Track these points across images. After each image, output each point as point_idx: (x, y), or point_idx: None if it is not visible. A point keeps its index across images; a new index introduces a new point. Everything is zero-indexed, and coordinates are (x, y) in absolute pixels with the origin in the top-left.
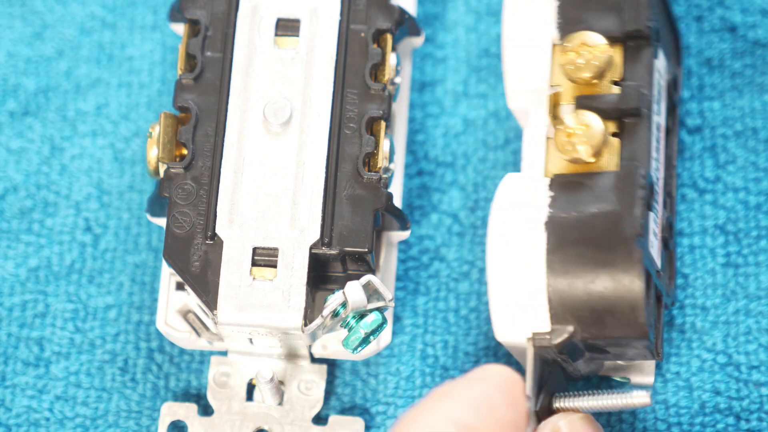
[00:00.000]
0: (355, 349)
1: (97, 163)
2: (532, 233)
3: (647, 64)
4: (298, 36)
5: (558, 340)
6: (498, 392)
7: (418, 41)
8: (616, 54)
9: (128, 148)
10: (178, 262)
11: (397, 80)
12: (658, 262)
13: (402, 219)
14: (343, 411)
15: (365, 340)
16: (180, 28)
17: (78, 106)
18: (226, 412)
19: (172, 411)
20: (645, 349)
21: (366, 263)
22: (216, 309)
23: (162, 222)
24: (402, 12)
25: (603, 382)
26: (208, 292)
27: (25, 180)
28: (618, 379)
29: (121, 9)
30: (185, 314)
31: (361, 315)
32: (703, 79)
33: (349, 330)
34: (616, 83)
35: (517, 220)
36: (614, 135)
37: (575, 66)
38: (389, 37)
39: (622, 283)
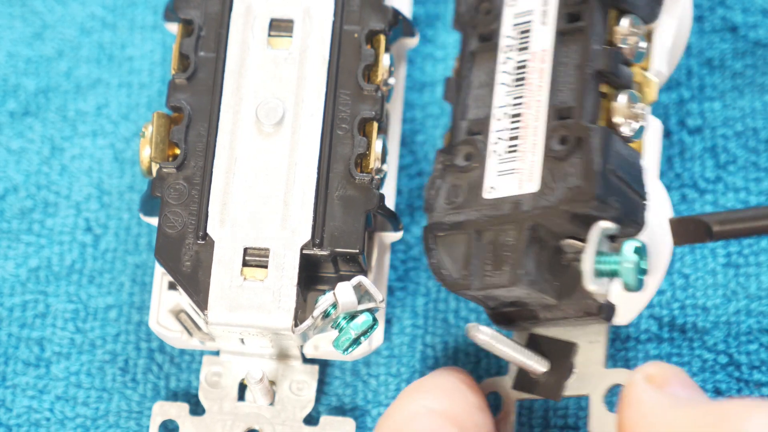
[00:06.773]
0: (346, 350)
1: (97, 163)
2: None
3: None
4: (291, 36)
5: None
6: (462, 381)
7: (412, 42)
8: None
9: (128, 148)
10: (170, 262)
11: (391, 81)
12: None
13: (394, 220)
14: (336, 411)
15: (356, 341)
16: (174, 28)
17: (78, 106)
18: (217, 411)
19: (163, 410)
20: None
21: (357, 264)
22: (207, 309)
23: (154, 221)
24: (395, 13)
25: None
26: (199, 292)
27: (26, 180)
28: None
29: (121, 9)
30: (177, 314)
31: (351, 316)
32: (704, 80)
33: (340, 331)
34: None
35: None
36: None
37: None
38: (382, 38)
39: None
